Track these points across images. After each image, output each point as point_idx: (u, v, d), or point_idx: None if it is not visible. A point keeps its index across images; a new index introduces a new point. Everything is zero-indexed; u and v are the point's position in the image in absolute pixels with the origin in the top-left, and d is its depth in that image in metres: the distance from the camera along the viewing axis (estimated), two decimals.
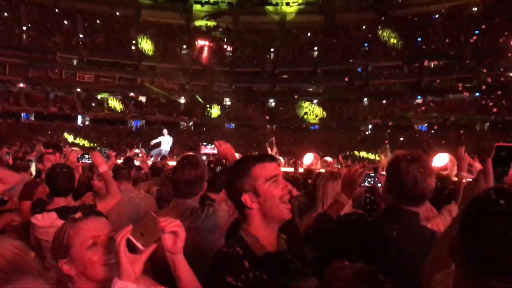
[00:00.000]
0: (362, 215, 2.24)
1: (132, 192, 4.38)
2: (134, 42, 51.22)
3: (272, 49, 53.74)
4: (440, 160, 4.93)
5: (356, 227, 2.08)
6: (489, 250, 0.94)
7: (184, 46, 52.98)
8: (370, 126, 47.67)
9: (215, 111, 50.89)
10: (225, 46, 53.15)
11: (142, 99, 51.06)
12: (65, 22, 49.71)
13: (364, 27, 50.88)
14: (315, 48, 52.83)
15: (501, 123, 39.64)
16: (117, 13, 53.04)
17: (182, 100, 51.70)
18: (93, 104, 48.88)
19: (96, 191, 4.94)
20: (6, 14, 46.35)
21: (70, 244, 1.59)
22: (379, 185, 5.35)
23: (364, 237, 2.01)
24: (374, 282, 1.11)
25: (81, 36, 49.67)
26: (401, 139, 40.73)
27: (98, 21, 51.16)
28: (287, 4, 54.59)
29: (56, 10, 50.07)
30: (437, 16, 48.07)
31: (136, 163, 8.49)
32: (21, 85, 46.28)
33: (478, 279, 0.99)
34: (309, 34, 53.97)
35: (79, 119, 48.39)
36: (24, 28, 46.91)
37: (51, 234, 2.86)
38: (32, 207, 3.64)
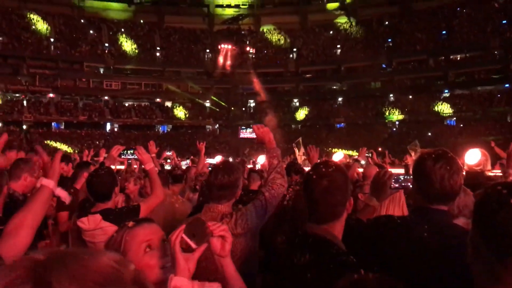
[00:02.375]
0: (390, 217, 2.23)
1: (171, 198, 4.47)
2: (158, 48, 51.94)
3: (294, 49, 53.64)
4: (473, 156, 4.80)
5: (384, 230, 2.09)
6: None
7: (208, 50, 53.46)
8: (397, 123, 46.92)
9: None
10: (247, 48, 53.24)
11: (168, 104, 51.71)
12: (90, 31, 50.83)
13: (387, 22, 50.21)
14: (338, 46, 52.46)
15: None
16: (141, 21, 53.94)
17: (207, 104, 52.13)
18: (121, 111, 49.78)
19: (128, 193, 4.78)
20: (33, 27, 47.67)
21: (127, 250, 1.66)
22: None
23: (392, 240, 2.02)
24: None
25: (106, 45, 50.71)
26: (429, 134, 39.96)
27: (122, 30, 51.98)
28: (308, 2, 54.51)
29: (82, 21, 51.24)
30: (461, 7, 46.79)
31: (167, 167, 8.52)
32: (51, 95, 47.48)
33: (502, 265, 1.05)
34: (331, 32, 53.62)
35: (108, 126, 49.39)
36: (52, 39, 48.12)
37: (96, 236, 2.98)
38: (78, 209, 3.67)
